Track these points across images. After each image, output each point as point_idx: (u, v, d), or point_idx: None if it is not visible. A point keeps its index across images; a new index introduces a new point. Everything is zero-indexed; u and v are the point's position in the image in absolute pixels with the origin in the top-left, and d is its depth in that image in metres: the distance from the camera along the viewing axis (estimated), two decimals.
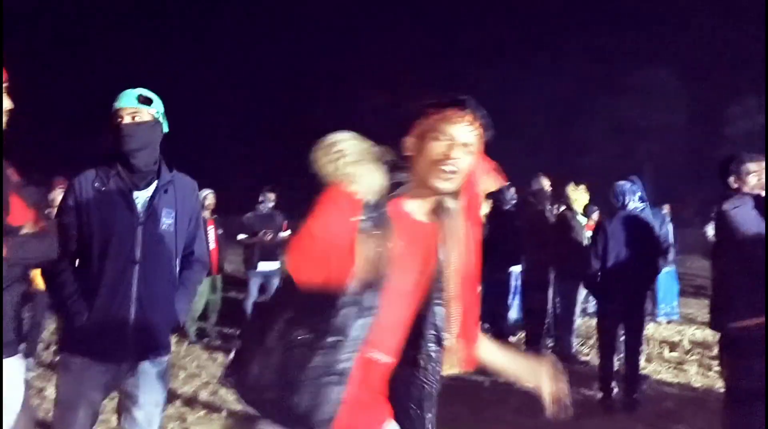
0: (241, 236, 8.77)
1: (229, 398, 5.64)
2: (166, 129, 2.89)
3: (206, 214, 8.08)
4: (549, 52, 34.93)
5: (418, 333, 1.94)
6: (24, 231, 2.40)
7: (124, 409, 2.83)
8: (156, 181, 2.80)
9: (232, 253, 10.53)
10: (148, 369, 2.80)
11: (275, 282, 8.90)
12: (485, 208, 8.47)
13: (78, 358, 2.70)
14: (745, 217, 4.12)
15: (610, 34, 33.81)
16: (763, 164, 4.41)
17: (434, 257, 1.92)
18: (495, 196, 8.19)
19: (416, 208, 1.92)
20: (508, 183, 8.03)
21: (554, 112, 34.06)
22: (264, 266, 8.76)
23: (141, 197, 2.77)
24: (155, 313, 2.77)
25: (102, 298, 2.66)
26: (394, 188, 1.85)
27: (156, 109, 2.82)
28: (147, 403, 2.83)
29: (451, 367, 2.00)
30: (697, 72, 32.42)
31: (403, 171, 1.88)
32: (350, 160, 1.78)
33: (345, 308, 1.76)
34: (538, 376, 2.11)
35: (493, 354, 2.17)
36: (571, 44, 34.94)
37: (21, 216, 2.40)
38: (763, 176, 4.41)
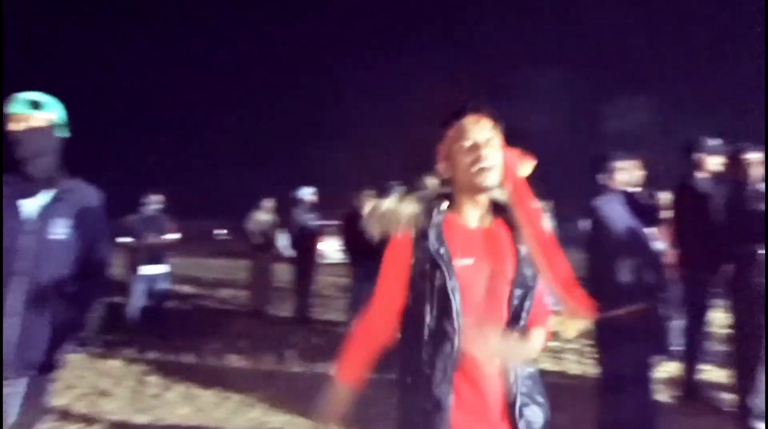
0: (122, 239, 8.44)
1: (109, 408, 5.42)
2: (66, 134, 2.72)
3: None
4: (429, 54, 35.69)
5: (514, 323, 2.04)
6: None
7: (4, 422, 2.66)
8: (52, 190, 2.65)
9: (116, 257, 10.17)
10: (31, 385, 2.64)
11: (162, 285, 8.65)
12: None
13: None
14: (613, 213, 4.35)
15: (490, 35, 34.90)
16: (633, 162, 4.67)
17: (500, 256, 2.02)
18: (384, 196, 8.25)
19: (469, 217, 2.05)
20: (395, 183, 8.11)
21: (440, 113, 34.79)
22: (149, 270, 8.48)
23: (32, 206, 2.60)
24: (40, 328, 2.61)
25: None
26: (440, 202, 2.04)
27: (51, 114, 2.65)
28: (24, 423, 2.66)
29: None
30: (574, 73, 33.97)
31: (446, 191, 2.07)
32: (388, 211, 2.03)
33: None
34: None
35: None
36: (449, 46, 35.83)
37: None
38: (633, 173, 4.66)
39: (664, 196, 6.90)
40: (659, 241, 5.80)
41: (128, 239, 8.40)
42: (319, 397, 2.21)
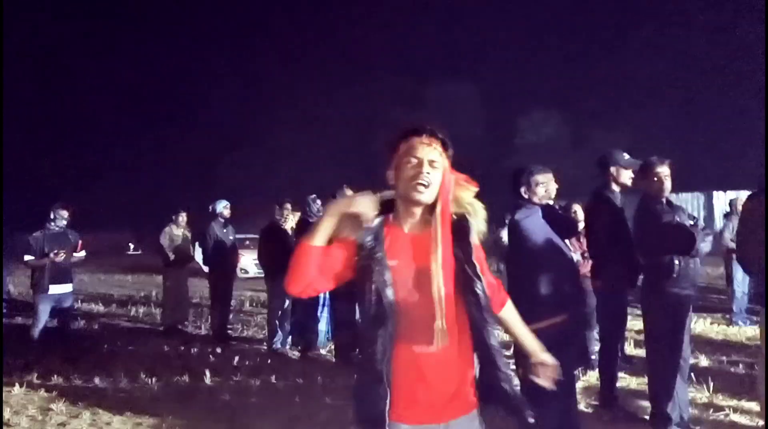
0: (27, 258, 8.01)
1: None
2: None
3: None
4: (355, 63, 35.88)
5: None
6: None
7: None
8: None
9: (19, 276, 9.63)
10: None
11: (67, 304, 8.25)
12: (292, 221, 8.40)
13: None
14: (534, 226, 4.39)
15: (404, 45, 35.40)
16: (550, 175, 4.73)
17: (426, 259, 2.27)
18: (302, 209, 8.14)
19: (404, 223, 2.36)
20: (314, 196, 8.02)
21: (362, 123, 34.90)
22: (55, 289, 8.08)
23: None
24: None
25: None
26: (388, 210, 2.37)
27: None
28: None
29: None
30: (489, 85, 34.78)
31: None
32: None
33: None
34: (536, 353, 2.66)
35: (512, 319, 2.67)
36: (371, 57, 36.13)
37: None
38: (551, 186, 4.71)
39: (577, 208, 7.09)
40: (575, 252, 5.94)
41: (32, 258, 7.98)
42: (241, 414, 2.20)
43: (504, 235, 4.73)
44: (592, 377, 5.88)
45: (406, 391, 2.25)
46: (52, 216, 8.23)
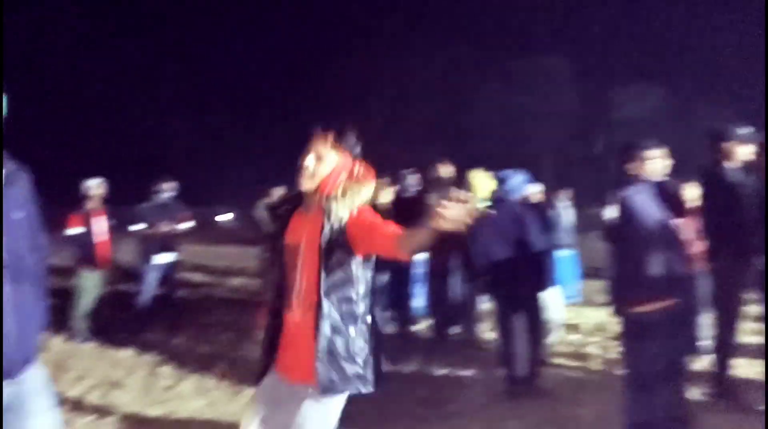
0: (135, 227, 8.33)
1: (121, 400, 5.32)
2: (5, 112, 2.54)
3: (93, 204, 7.61)
4: (442, 38, 35.33)
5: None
6: None
7: (15, 426, 2.51)
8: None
9: (128, 245, 10.04)
10: (32, 378, 2.50)
11: (172, 274, 8.54)
12: (388, 195, 8.38)
13: None
14: (643, 204, 4.19)
15: (495, 22, 34.56)
16: (662, 151, 4.49)
17: (309, 235, 2.68)
18: (397, 184, 8.11)
19: (305, 207, 2.80)
20: (409, 171, 7.95)
21: (455, 98, 34.48)
22: (161, 259, 8.37)
23: None
24: (30, 318, 2.47)
25: None
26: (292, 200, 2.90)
27: None
28: (44, 413, 2.53)
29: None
30: (584, 59, 33.58)
31: None
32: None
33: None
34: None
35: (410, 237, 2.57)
36: (462, 32, 35.49)
37: None
38: (662, 163, 4.49)
39: (689, 187, 6.72)
40: (687, 232, 5.64)
41: (141, 227, 8.28)
42: None
43: (608, 213, 4.55)
44: (705, 364, 5.60)
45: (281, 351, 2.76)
46: (158, 188, 8.52)
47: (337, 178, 2.69)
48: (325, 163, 2.69)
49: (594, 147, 32.18)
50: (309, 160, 2.68)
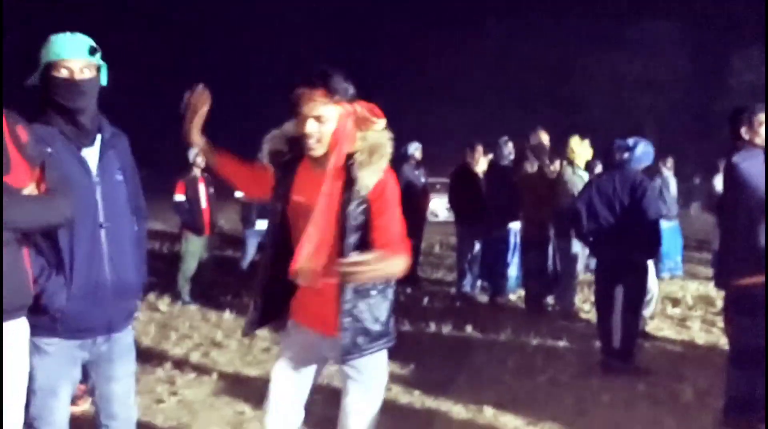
0: (238, 194, 8.58)
1: (221, 360, 5.54)
2: (104, 81, 2.61)
3: (197, 171, 7.90)
4: (547, 7, 34.24)
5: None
6: (25, 192, 2.19)
7: (97, 385, 2.65)
8: (99, 137, 2.54)
9: (230, 211, 10.42)
10: (122, 338, 2.62)
11: None
12: (483, 164, 8.27)
13: (55, 339, 2.45)
14: (755, 170, 3.94)
15: None
16: None
17: (337, 198, 2.46)
18: (494, 152, 7.99)
19: (311, 162, 2.51)
20: (505, 139, 7.81)
21: (554, 67, 33.54)
22: (262, 224, 8.60)
23: (90, 156, 2.51)
24: (128, 277, 2.58)
25: (78, 272, 2.42)
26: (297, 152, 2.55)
27: (99, 60, 2.54)
28: (124, 374, 2.66)
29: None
30: (698, 24, 31.81)
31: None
32: (265, 152, 2.66)
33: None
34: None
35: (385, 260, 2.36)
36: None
37: (24, 177, 2.19)
38: None
39: None
40: None
41: (241, 194, 8.51)
42: (428, 359, 2.23)
43: (718, 182, 4.32)
44: None
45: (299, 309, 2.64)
46: (258, 155, 8.72)
47: (345, 131, 2.44)
48: (327, 121, 2.40)
49: (707, 115, 30.59)
50: (310, 126, 2.39)
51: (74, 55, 2.44)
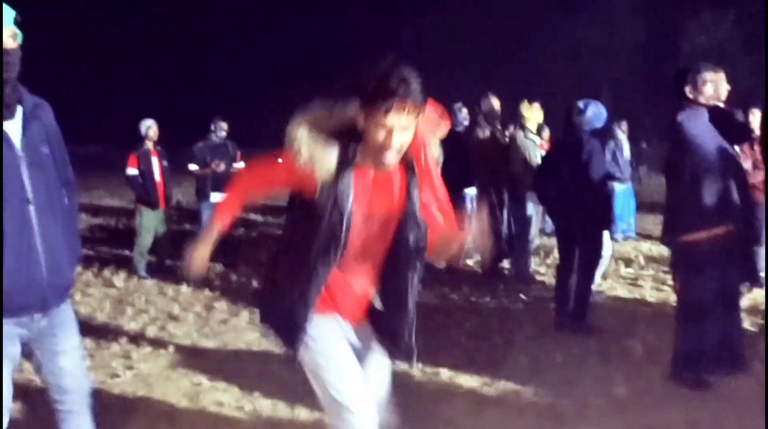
0: (191, 166, 8.46)
1: (178, 333, 5.51)
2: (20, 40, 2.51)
3: (149, 145, 7.77)
4: None
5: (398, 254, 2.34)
6: None
7: (43, 362, 2.61)
8: (20, 109, 2.43)
9: (186, 185, 10.28)
10: (61, 311, 2.57)
11: None
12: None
13: None
14: (699, 129, 4.01)
15: None
16: (720, 75, 4.27)
17: (389, 201, 2.28)
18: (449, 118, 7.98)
19: (369, 166, 2.22)
20: (459, 105, 7.80)
21: (510, 34, 33.57)
22: (217, 197, 8.49)
23: (12, 130, 2.40)
24: (61, 253, 2.51)
25: (8, 251, 2.34)
26: (353, 155, 2.19)
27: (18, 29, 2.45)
28: (70, 347, 2.61)
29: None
30: None
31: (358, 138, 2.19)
32: (308, 154, 2.16)
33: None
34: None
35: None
36: None
37: None
38: (720, 87, 4.27)
39: (755, 112, 6.42)
40: (746, 160, 5.42)
41: (196, 167, 8.41)
42: None
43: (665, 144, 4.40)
44: (760, 296, 5.45)
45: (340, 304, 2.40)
46: (213, 128, 8.60)
47: (422, 140, 2.24)
48: (411, 131, 2.16)
49: (662, 80, 30.96)
50: (396, 140, 2.12)
51: (7, 24, 2.35)
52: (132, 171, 7.69)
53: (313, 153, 2.17)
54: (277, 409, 3.89)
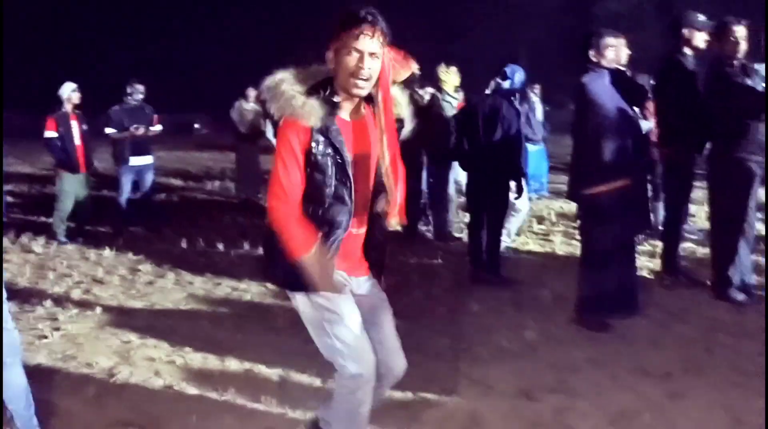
0: (109, 130, 8.31)
1: (104, 295, 5.53)
2: None
3: (69, 108, 7.60)
4: None
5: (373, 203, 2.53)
6: None
7: None
8: None
9: (103, 150, 10.08)
10: None
11: (148, 177, 8.61)
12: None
13: None
14: (601, 90, 4.32)
15: None
16: (621, 40, 4.60)
17: (367, 145, 2.43)
18: None
19: (344, 111, 2.37)
20: (417, 67, 7.91)
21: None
22: (136, 161, 8.41)
23: None
24: None
25: None
26: (333, 105, 2.31)
27: None
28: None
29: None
30: None
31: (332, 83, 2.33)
32: (294, 100, 2.27)
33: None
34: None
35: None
36: None
37: None
38: (621, 51, 4.61)
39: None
40: (645, 119, 5.80)
41: (113, 131, 8.27)
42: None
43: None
44: (657, 247, 5.90)
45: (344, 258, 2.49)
46: (129, 90, 8.45)
47: (389, 73, 2.38)
48: (378, 60, 2.29)
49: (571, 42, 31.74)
50: (367, 63, 2.25)
51: None
52: (50, 134, 7.51)
53: (301, 101, 2.28)
54: (207, 362, 4.03)
